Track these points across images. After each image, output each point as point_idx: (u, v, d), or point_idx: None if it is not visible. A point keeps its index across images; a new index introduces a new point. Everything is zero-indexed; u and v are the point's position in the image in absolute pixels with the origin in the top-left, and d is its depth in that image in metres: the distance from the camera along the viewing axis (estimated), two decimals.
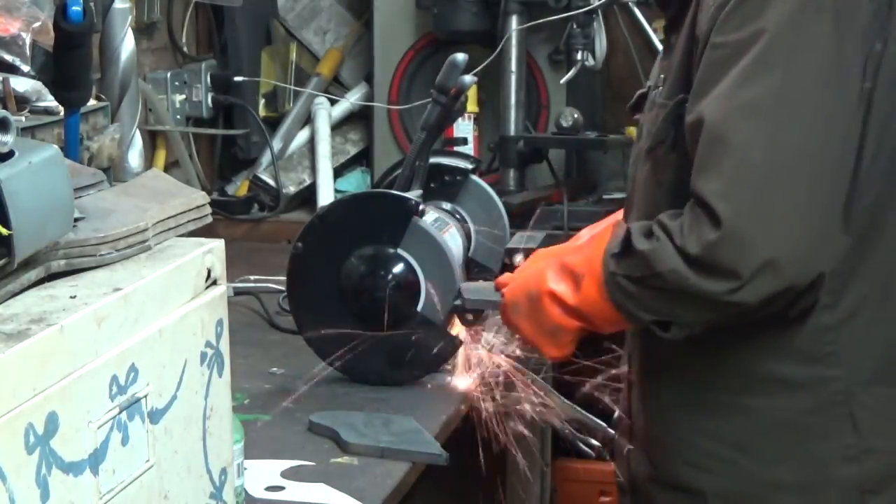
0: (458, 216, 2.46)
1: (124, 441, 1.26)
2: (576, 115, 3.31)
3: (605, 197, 3.42)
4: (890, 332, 1.71)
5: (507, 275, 1.98)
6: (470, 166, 2.51)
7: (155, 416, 1.32)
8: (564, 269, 1.78)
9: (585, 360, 2.02)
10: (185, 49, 3.51)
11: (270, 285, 2.78)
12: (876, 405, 1.70)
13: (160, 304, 1.33)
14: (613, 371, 2.03)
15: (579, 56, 3.32)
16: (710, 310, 1.63)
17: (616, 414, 2.00)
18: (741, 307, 1.60)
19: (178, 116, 3.41)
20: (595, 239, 1.82)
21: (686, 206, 1.62)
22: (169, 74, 3.39)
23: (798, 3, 1.58)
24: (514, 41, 3.34)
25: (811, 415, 1.70)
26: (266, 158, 3.58)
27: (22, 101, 1.88)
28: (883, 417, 1.71)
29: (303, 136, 3.70)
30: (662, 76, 1.76)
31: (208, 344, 1.42)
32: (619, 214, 2.02)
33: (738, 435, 1.74)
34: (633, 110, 1.99)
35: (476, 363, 2.24)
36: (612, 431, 2.06)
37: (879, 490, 1.71)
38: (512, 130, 3.38)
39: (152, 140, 3.32)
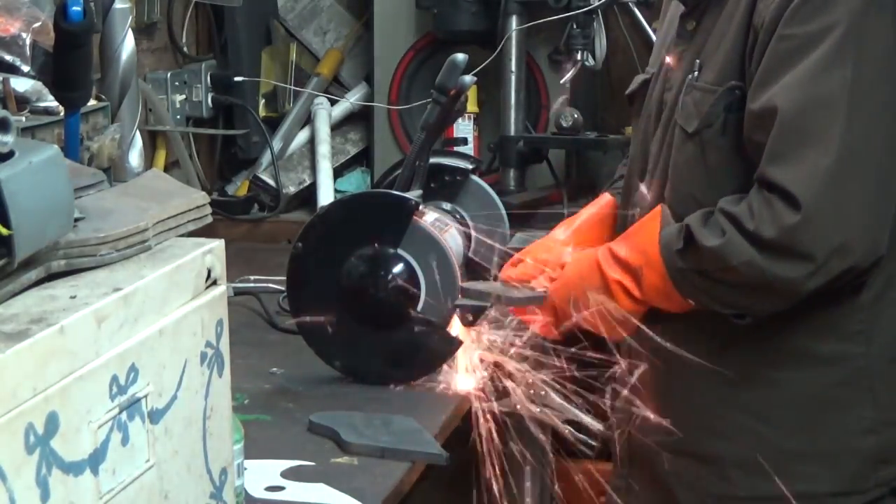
0: (458, 216, 2.45)
1: (124, 441, 1.26)
2: (576, 115, 3.31)
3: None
4: None
5: (507, 268, 1.99)
6: (470, 166, 2.51)
7: (155, 416, 1.31)
8: (617, 259, 1.80)
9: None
10: (185, 49, 3.51)
11: (270, 285, 2.78)
12: (895, 381, 1.78)
13: (160, 304, 1.33)
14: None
15: (579, 56, 3.32)
16: (785, 296, 1.69)
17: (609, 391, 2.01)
18: (810, 288, 1.67)
19: (178, 116, 3.41)
20: (642, 229, 1.83)
21: (752, 191, 1.68)
22: (169, 74, 3.39)
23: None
24: (514, 41, 3.34)
25: (835, 388, 1.78)
26: (266, 158, 3.58)
27: (22, 101, 1.88)
28: None
29: (303, 136, 3.70)
30: (698, 61, 1.78)
31: (208, 344, 1.42)
32: (593, 209, 2.04)
33: (761, 405, 1.79)
34: (632, 97, 2.01)
35: (476, 363, 2.24)
36: (610, 432, 2.07)
37: (892, 460, 1.79)
38: (512, 130, 3.38)
39: (152, 140, 3.32)
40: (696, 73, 1.79)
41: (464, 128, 3.40)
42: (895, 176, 1.68)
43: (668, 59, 1.89)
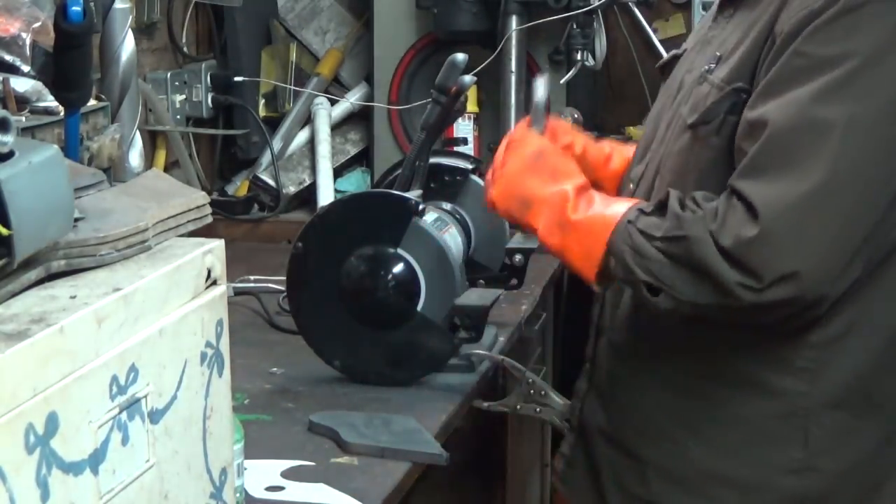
0: (458, 216, 2.45)
1: (124, 441, 1.26)
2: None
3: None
4: (864, 364, 1.74)
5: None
6: (470, 166, 2.51)
7: (155, 416, 1.31)
8: (581, 187, 1.79)
9: None
10: (185, 49, 3.51)
11: (270, 285, 2.78)
12: (832, 428, 1.74)
13: (160, 304, 1.33)
14: None
15: (579, 56, 3.32)
16: (714, 293, 1.64)
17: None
18: (743, 304, 1.62)
19: (178, 116, 3.41)
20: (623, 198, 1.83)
21: (722, 196, 1.65)
22: (169, 74, 3.39)
23: (889, 34, 1.60)
24: (514, 41, 3.34)
25: (770, 420, 1.74)
26: (266, 158, 3.58)
27: (22, 101, 1.88)
28: (836, 441, 1.74)
29: (303, 136, 3.70)
30: (718, 54, 1.76)
31: (208, 344, 1.42)
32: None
33: (696, 419, 1.77)
34: (663, 70, 2.01)
35: (477, 363, 2.24)
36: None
37: None
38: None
39: (152, 140, 3.32)
40: (712, 65, 1.77)
41: (464, 128, 3.40)
42: (868, 221, 1.63)
43: (697, 42, 1.88)
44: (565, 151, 1.96)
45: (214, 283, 1.43)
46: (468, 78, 2.31)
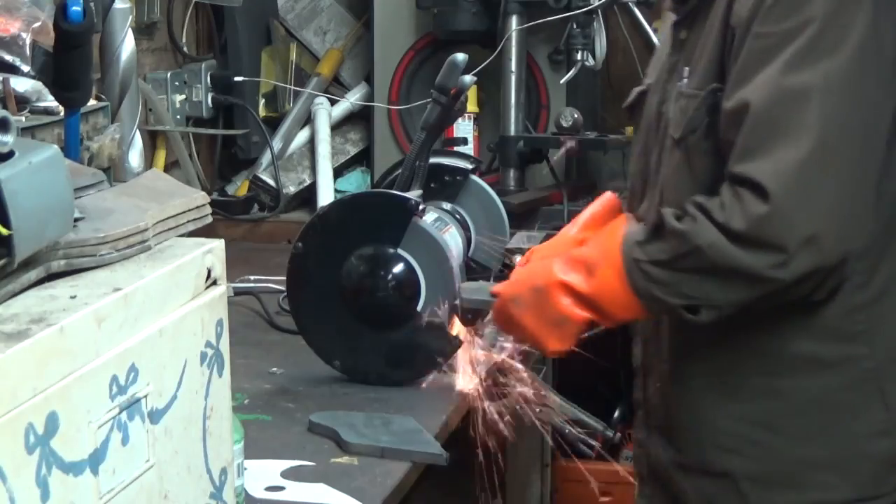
0: (458, 216, 2.46)
1: (124, 441, 1.26)
2: (576, 115, 3.31)
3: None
4: None
5: (517, 267, 1.98)
6: (470, 166, 2.51)
7: (155, 416, 1.31)
8: (575, 260, 1.79)
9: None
10: (185, 49, 3.51)
11: (270, 285, 2.78)
12: None
13: (160, 304, 1.33)
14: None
15: (579, 56, 3.32)
16: (747, 287, 1.65)
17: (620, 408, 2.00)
18: (777, 284, 1.63)
19: (178, 116, 3.41)
20: (609, 230, 1.82)
21: (723, 187, 1.65)
22: (169, 74, 3.39)
23: None
24: (514, 41, 3.34)
25: (842, 392, 1.74)
26: (266, 158, 3.58)
27: (22, 101, 1.88)
28: None
29: (303, 136, 3.70)
30: (686, 69, 1.78)
31: (208, 344, 1.42)
32: (598, 206, 2.02)
33: (767, 416, 1.77)
34: (632, 108, 2.01)
35: (476, 363, 2.24)
36: (611, 432, 2.07)
37: None
38: (512, 130, 3.38)
39: (152, 140, 3.32)
40: (684, 80, 1.79)
41: (464, 128, 3.40)
42: (873, 171, 1.66)
43: (666, 72, 1.88)
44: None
45: (214, 283, 1.43)
46: (468, 78, 2.31)
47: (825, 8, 1.63)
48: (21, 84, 1.89)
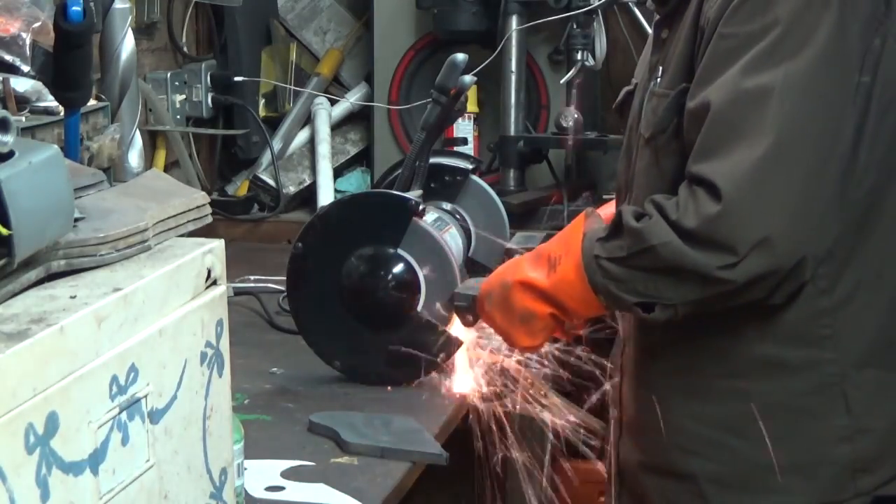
0: (458, 216, 2.46)
1: (124, 441, 1.26)
2: (576, 115, 3.31)
3: (605, 197, 3.42)
4: (882, 316, 1.75)
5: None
6: (470, 166, 2.51)
7: (155, 416, 1.31)
8: (540, 256, 1.82)
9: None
10: (185, 49, 3.51)
11: (270, 285, 2.78)
12: (868, 387, 1.74)
13: (160, 304, 1.33)
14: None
15: (579, 56, 3.32)
16: (698, 286, 1.65)
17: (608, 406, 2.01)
18: (728, 285, 1.63)
19: (178, 116, 3.41)
20: (571, 225, 1.83)
21: (680, 187, 1.66)
22: (169, 74, 3.39)
23: None
24: (514, 41, 3.34)
25: (805, 397, 1.74)
26: (266, 158, 3.58)
27: (22, 101, 1.88)
28: (875, 398, 1.74)
29: (303, 136, 3.70)
30: (661, 68, 1.78)
31: (208, 344, 1.42)
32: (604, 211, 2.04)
33: (731, 418, 1.76)
34: (620, 108, 2.01)
35: (476, 363, 2.24)
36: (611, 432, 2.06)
37: (871, 468, 1.75)
38: (512, 130, 3.38)
39: (152, 140, 3.32)
40: (658, 79, 1.79)
41: (464, 128, 3.40)
42: (831, 176, 1.64)
43: (647, 71, 1.89)
44: None
45: (214, 283, 1.43)
46: (468, 78, 2.31)
47: (790, 11, 1.62)
48: (21, 84, 1.89)
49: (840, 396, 1.73)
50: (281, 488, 1.82)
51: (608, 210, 2.02)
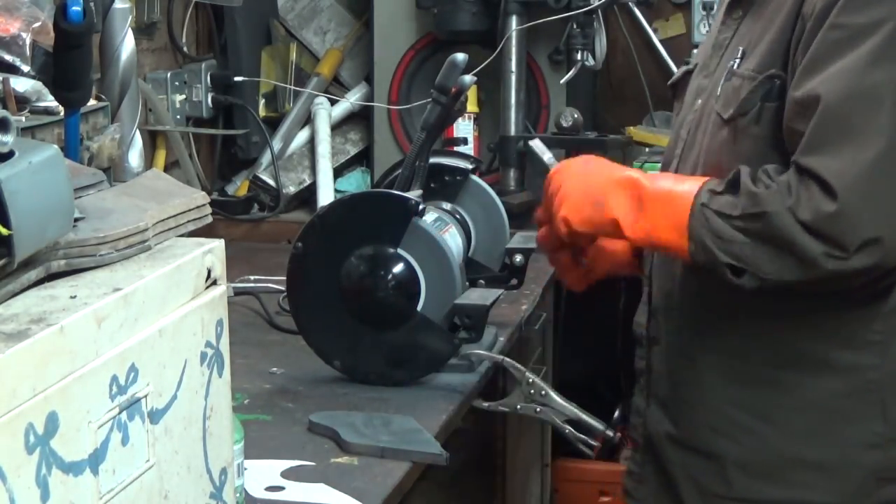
0: (458, 216, 2.45)
1: (124, 441, 1.26)
2: (576, 115, 3.31)
3: None
4: None
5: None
6: (470, 166, 2.51)
7: (155, 416, 1.31)
8: (647, 174, 1.80)
9: None
10: (185, 49, 3.51)
11: (270, 285, 2.78)
12: None
13: (160, 304, 1.33)
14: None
15: (579, 56, 3.32)
16: (799, 267, 1.65)
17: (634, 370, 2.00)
18: (829, 274, 1.63)
19: (178, 116, 3.41)
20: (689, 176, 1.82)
21: (789, 171, 1.65)
22: (169, 74, 3.39)
23: None
24: (514, 41, 3.34)
25: (844, 398, 1.74)
26: (266, 158, 3.58)
27: (22, 101, 1.88)
28: None
29: (303, 136, 3.70)
30: (741, 49, 1.78)
31: (208, 344, 1.42)
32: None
33: (768, 407, 1.77)
34: (675, 86, 2.01)
35: (476, 363, 2.24)
36: (611, 432, 2.07)
37: None
38: (512, 130, 3.38)
39: (152, 140, 3.32)
40: (738, 59, 1.78)
41: (464, 128, 3.40)
42: None
43: (711, 48, 1.88)
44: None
45: (214, 283, 1.43)
46: (468, 78, 2.31)
47: None
48: (21, 84, 1.89)
49: (878, 403, 1.73)
50: (281, 488, 1.82)
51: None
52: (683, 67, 2.02)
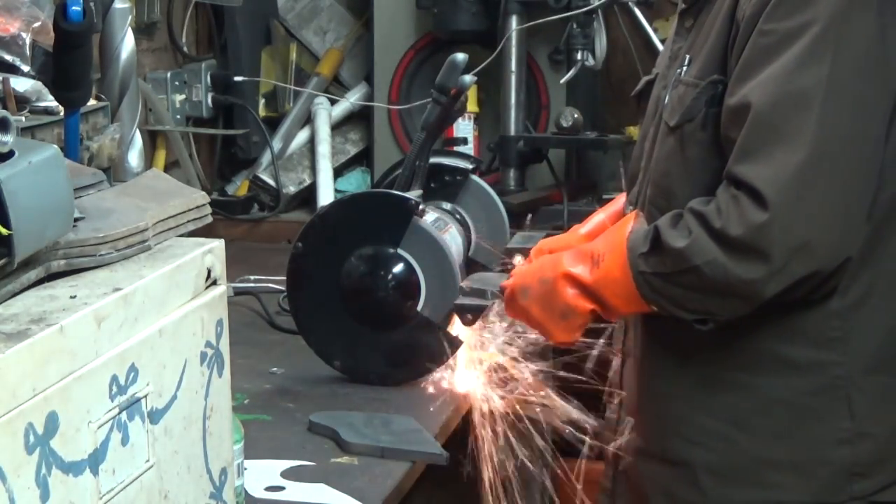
0: (458, 216, 2.45)
1: (124, 441, 1.26)
2: (576, 115, 3.31)
3: (605, 197, 3.42)
4: (893, 321, 1.74)
5: (524, 262, 1.99)
6: (470, 166, 2.51)
7: (155, 416, 1.31)
8: (582, 252, 1.80)
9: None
10: (185, 49, 3.51)
11: (270, 285, 2.78)
12: (873, 392, 1.74)
13: (160, 304, 1.33)
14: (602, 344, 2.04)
15: (579, 56, 3.32)
16: (745, 302, 1.66)
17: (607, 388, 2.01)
18: (779, 291, 1.63)
19: (178, 116, 3.41)
20: (616, 227, 1.82)
21: (720, 189, 1.65)
22: (169, 74, 3.39)
23: None
24: (514, 41, 3.34)
25: (810, 397, 1.74)
26: (266, 158, 3.58)
27: (22, 101, 1.88)
28: (879, 404, 1.74)
29: (303, 136, 3.70)
30: (688, 56, 1.78)
31: (208, 344, 1.42)
32: (608, 209, 2.04)
33: (734, 411, 1.77)
34: (639, 97, 2.01)
35: (476, 363, 2.24)
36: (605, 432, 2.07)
37: (869, 473, 1.75)
38: (512, 130, 3.38)
39: (152, 140, 3.32)
40: (684, 67, 1.79)
41: (464, 128, 3.40)
42: (868, 178, 1.65)
43: (668, 58, 1.89)
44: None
45: (214, 283, 1.43)
46: (468, 78, 2.31)
47: (828, 12, 1.62)
48: (21, 84, 1.89)
49: (844, 399, 1.73)
50: (281, 488, 1.82)
51: (617, 205, 2.02)
52: (645, 78, 2.02)
